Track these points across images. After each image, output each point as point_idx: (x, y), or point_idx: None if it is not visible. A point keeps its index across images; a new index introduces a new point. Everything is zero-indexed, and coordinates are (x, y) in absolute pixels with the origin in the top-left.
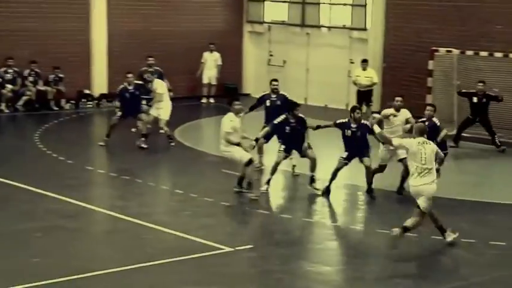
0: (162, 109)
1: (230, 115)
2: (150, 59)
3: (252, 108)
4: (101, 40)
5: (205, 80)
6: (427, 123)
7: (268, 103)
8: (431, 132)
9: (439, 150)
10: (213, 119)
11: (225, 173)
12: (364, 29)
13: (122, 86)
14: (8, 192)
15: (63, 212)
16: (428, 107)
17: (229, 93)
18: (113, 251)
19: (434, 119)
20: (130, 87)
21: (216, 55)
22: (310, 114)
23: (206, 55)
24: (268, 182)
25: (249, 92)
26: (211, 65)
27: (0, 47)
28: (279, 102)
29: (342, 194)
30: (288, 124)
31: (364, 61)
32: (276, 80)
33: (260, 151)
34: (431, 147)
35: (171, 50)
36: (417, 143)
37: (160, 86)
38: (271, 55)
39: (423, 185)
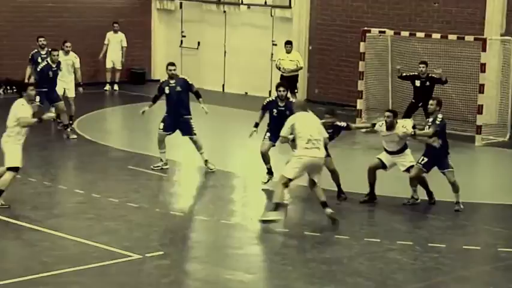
0: (69, 84)
1: (22, 100)
2: (41, 39)
3: (155, 100)
4: None
5: (108, 64)
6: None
7: (167, 90)
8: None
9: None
10: (118, 109)
11: (133, 170)
12: (288, 7)
13: (44, 64)
14: None
15: None
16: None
17: (136, 79)
18: (1, 261)
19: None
20: (54, 66)
21: (121, 36)
22: (228, 103)
23: (109, 36)
24: (269, 172)
25: (159, 77)
26: (115, 47)
27: None
28: (179, 88)
29: (264, 194)
30: (276, 107)
31: (288, 43)
32: (172, 64)
33: (161, 145)
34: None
35: (68, 29)
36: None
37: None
38: (183, 36)
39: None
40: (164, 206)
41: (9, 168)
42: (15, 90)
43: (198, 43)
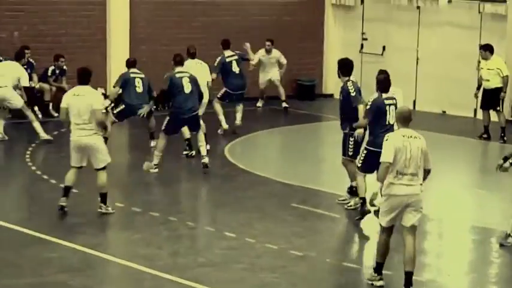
0: None
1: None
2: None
3: None
4: (121, 16)
5: (262, 85)
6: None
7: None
8: None
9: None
10: (281, 130)
11: (297, 209)
12: (503, 1)
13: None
14: None
15: (64, 263)
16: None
17: (304, 93)
18: None
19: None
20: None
21: (276, 54)
22: (420, 125)
23: (261, 55)
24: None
25: (332, 91)
26: (270, 67)
27: None
28: None
29: (466, 244)
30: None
31: (485, 47)
32: None
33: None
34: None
35: (222, 30)
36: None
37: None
38: (364, 39)
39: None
40: (336, 255)
41: None
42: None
43: (383, 48)
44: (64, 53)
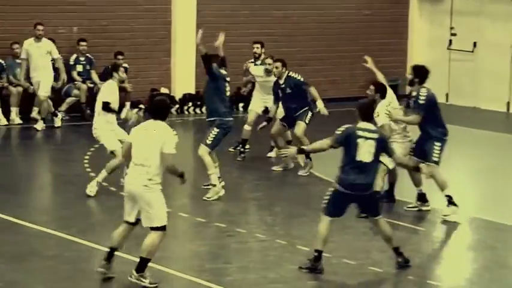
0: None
1: (112, 83)
2: (255, 45)
3: None
4: (187, 12)
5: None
6: None
7: None
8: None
9: None
10: None
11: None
12: None
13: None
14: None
15: (125, 277)
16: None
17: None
18: None
19: None
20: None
21: None
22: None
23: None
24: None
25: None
26: None
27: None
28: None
29: None
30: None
31: None
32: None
33: None
34: None
35: (290, 26)
36: None
37: None
38: (453, 34)
39: None
40: (419, 273)
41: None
42: None
43: (474, 44)
44: (126, 50)
